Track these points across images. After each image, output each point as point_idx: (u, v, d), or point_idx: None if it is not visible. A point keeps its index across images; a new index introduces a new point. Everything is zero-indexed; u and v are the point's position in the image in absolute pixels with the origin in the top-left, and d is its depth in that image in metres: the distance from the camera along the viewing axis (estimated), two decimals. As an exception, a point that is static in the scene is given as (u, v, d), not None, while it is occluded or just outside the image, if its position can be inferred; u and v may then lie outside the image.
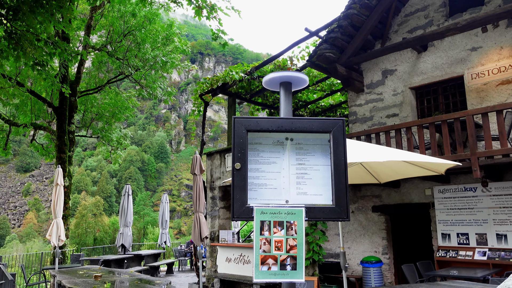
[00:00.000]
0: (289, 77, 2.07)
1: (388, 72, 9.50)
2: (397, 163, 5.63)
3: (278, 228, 1.81)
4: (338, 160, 1.89)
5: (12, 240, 71.52)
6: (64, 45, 9.89)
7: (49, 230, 8.49)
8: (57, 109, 15.14)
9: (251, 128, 1.91)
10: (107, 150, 19.02)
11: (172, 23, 16.37)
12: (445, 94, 8.80)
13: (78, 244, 56.60)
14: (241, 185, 1.86)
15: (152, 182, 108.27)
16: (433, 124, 7.16)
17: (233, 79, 10.42)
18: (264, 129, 1.92)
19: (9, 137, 16.99)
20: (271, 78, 2.09)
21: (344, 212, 1.84)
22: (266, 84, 2.15)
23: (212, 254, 10.20)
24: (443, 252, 7.78)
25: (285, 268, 1.78)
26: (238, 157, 1.88)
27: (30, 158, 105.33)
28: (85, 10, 17.32)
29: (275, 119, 1.94)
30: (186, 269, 16.61)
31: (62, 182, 9.07)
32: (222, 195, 10.60)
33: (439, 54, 8.70)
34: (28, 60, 9.41)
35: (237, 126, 1.91)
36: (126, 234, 13.67)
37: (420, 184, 8.28)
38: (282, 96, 2.07)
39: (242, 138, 1.90)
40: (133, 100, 18.72)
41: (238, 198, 1.84)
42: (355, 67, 9.86)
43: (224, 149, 10.71)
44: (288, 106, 2.06)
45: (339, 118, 1.94)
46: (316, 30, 9.59)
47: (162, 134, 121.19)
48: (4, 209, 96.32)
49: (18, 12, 8.87)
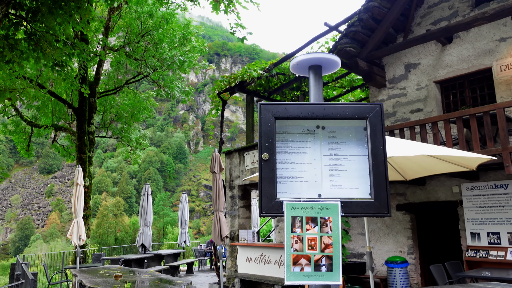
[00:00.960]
0: (318, 59, 1.90)
1: (411, 66, 9.19)
2: (425, 158, 5.37)
3: (311, 224, 1.64)
4: (376, 149, 1.71)
5: (37, 240, 73.30)
6: (83, 46, 9.93)
7: (70, 229, 8.52)
8: (77, 110, 15.29)
9: (279, 115, 1.75)
10: (126, 150, 19.16)
11: (189, 23, 16.33)
12: (472, 88, 8.44)
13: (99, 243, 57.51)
14: (269, 177, 1.69)
15: (171, 182, 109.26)
16: (461, 119, 6.84)
17: (251, 76, 10.28)
18: (293, 116, 1.75)
19: (31, 139, 17.28)
20: (299, 61, 1.92)
21: (385, 206, 1.66)
22: (293, 68, 1.98)
23: (232, 254, 10.08)
24: (472, 252, 7.45)
25: (319, 269, 1.61)
26: (265, 147, 1.72)
27: (53, 160, 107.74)
28: (103, 12, 17.46)
29: (306, 104, 1.77)
30: (206, 268, 16.56)
31: (82, 181, 9.10)
32: (242, 194, 10.47)
33: (465, 45, 8.35)
34: (48, 61, 9.47)
35: (264, 113, 1.75)
36: (146, 233, 13.69)
37: (447, 181, 7.96)
38: (312, 81, 1.90)
39: (270, 126, 1.74)
40: (152, 101, 18.80)
41: (266, 191, 1.68)
42: (377, 61, 9.58)
43: (243, 148, 10.57)
44: (318, 92, 1.89)
45: (377, 103, 1.76)
46: (335, 24, 9.35)
47: (180, 135, 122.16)
48: (28, 210, 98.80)
49: (37, 13, 8.93)
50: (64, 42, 9.76)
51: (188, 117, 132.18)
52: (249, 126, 11.38)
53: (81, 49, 9.94)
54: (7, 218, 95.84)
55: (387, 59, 9.63)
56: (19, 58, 9.10)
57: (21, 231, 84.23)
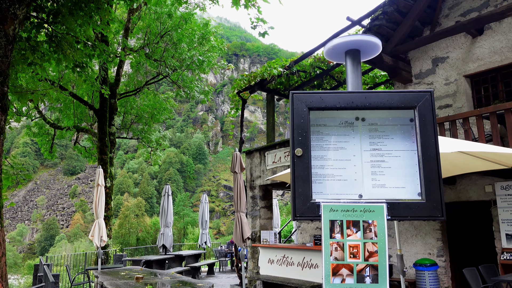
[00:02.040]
0: (356, 42, 1.68)
1: (438, 60, 8.80)
2: (458, 156, 5.06)
3: (353, 229, 1.43)
4: (427, 143, 1.48)
5: (61, 240, 74.96)
6: (103, 46, 9.93)
7: (91, 230, 8.51)
8: (98, 111, 15.41)
9: (313, 106, 1.54)
10: (147, 151, 19.24)
11: (208, 22, 16.26)
12: (505, 81, 8.00)
13: (121, 244, 58.31)
14: (303, 175, 1.49)
15: (191, 183, 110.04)
16: (495, 114, 6.46)
17: (272, 74, 10.07)
18: (329, 106, 1.54)
19: (54, 141, 17.54)
20: (335, 46, 1.71)
21: (438, 208, 1.43)
22: (328, 54, 1.77)
23: (254, 255, 9.90)
24: (508, 254, 7.04)
25: (363, 280, 1.40)
26: (298, 141, 1.52)
27: (76, 162, 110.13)
28: (123, 14, 17.58)
29: (344, 93, 1.55)
30: (227, 269, 16.43)
31: (103, 182, 9.08)
32: (263, 194, 10.27)
33: (497, 37, 7.93)
34: (69, 62, 9.51)
35: (296, 103, 1.55)
36: (167, 234, 13.66)
37: (479, 180, 7.56)
38: (349, 67, 1.69)
39: (303, 117, 1.53)
40: (171, 101, 18.83)
41: (300, 192, 1.48)
42: (402, 56, 9.23)
43: (264, 147, 10.38)
44: (357, 79, 1.67)
45: (426, 90, 1.53)
46: (358, 18, 9.04)
47: (199, 135, 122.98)
48: (53, 210, 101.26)
49: (58, 15, 8.96)
50: (84, 44, 9.79)
51: (207, 118, 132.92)
52: (270, 125, 11.18)
53: (101, 50, 9.94)
54: (33, 219, 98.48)
55: (413, 53, 9.27)
56: (40, 60, 9.16)
57: (46, 231, 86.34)
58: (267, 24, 7.40)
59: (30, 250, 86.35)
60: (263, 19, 7.42)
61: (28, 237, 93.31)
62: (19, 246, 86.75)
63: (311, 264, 8.34)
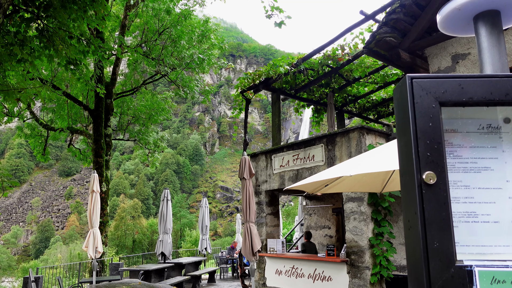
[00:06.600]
0: (495, 2, 1.08)
1: (459, 56, 8.22)
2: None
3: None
4: None
5: (56, 242, 73.91)
6: (98, 42, 9.29)
7: (86, 241, 7.86)
8: (93, 111, 14.73)
9: (448, 99, 0.92)
10: (144, 153, 18.55)
11: (208, 19, 15.63)
12: (532, 79, 7.44)
13: (117, 246, 57.46)
14: (439, 218, 0.86)
15: (188, 184, 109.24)
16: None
17: (278, 72, 9.46)
18: (475, 99, 0.93)
19: (47, 142, 16.82)
20: (461, 4, 1.10)
21: None
22: (445, 22, 1.15)
23: (260, 265, 9.27)
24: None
25: None
26: (426, 159, 0.89)
27: (72, 163, 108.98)
28: (120, 10, 16.92)
29: (498, 77, 0.94)
30: (228, 276, 15.79)
31: (98, 188, 8.43)
32: (269, 200, 9.65)
33: (524, 32, 7.36)
34: (61, 59, 8.87)
35: (418, 94, 0.92)
36: (166, 241, 12.99)
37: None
38: (486, 39, 1.07)
39: (433, 118, 0.91)
40: (169, 102, 18.18)
41: (436, 247, 0.85)
42: (418, 53, 8.64)
43: (270, 150, 9.76)
44: (500, 56, 1.06)
45: None
46: (372, 12, 8.46)
47: (196, 136, 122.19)
48: (48, 212, 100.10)
49: (49, 8, 8.31)
50: (78, 39, 9.16)
51: (204, 119, 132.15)
52: (275, 126, 10.57)
53: (96, 46, 9.30)
54: (28, 221, 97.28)
55: (430, 49, 8.67)
56: (31, 57, 8.51)
57: (41, 233, 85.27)
58: (284, 13, 6.76)
59: (24, 252, 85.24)
60: (279, 8, 6.77)
61: (23, 239, 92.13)
62: (14, 248, 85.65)
63: (323, 277, 7.73)
